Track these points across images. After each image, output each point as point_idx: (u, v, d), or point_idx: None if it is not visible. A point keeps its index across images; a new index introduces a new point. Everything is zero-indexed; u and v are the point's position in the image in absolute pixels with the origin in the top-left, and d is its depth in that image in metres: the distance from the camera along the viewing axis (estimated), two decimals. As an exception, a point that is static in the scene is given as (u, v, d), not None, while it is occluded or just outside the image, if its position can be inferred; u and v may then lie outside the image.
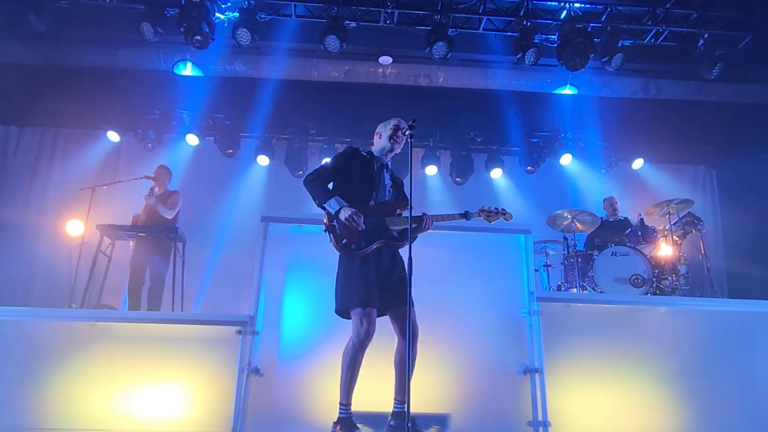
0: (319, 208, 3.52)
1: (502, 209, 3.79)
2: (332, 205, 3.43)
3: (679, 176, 9.42)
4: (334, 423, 3.36)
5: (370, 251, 3.43)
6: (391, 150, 3.73)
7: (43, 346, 4.11)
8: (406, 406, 3.04)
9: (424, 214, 3.56)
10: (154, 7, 6.38)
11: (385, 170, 3.73)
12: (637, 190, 9.06)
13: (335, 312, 3.48)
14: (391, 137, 3.69)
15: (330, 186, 3.60)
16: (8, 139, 8.65)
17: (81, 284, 6.14)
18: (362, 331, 3.31)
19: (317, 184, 3.54)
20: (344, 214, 3.38)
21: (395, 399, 3.48)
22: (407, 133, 3.49)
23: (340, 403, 3.37)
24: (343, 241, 3.41)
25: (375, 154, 3.76)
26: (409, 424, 3.08)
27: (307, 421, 3.95)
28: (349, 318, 3.42)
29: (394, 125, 3.72)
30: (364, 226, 3.41)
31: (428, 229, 3.54)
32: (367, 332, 3.31)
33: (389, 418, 3.45)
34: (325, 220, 3.49)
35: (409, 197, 3.43)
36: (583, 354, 4.25)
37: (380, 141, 3.76)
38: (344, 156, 3.68)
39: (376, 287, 3.40)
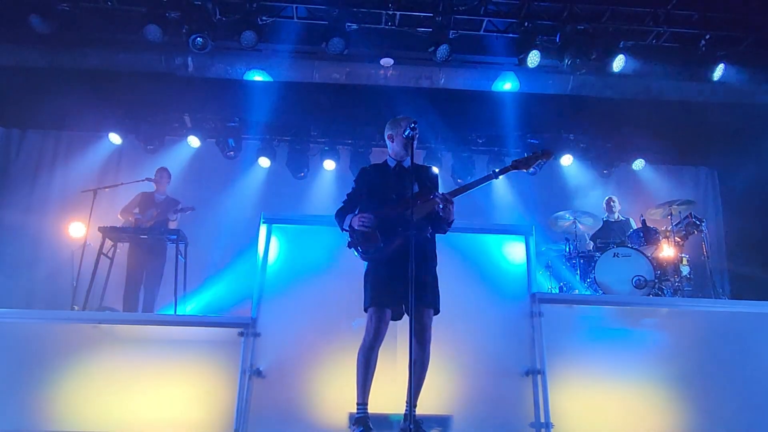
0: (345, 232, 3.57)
1: (539, 151, 3.56)
2: (345, 222, 3.53)
3: (680, 177, 9.40)
4: (352, 423, 3.39)
5: (392, 249, 3.39)
6: (406, 155, 3.63)
7: (45, 348, 4.12)
8: (411, 408, 3.04)
9: (434, 195, 3.43)
10: (156, 9, 6.40)
11: (404, 174, 3.61)
12: (638, 191, 9.03)
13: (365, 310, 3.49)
14: (406, 144, 3.54)
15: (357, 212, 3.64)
16: (10, 142, 8.67)
17: (83, 286, 6.15)
18: (371, 330, 3.34)
19: (339, 215, 3.64)
20: (355, 223, 3.44)
21: (406, 401, 3.47)
22: (411, 134, 3.43)
23: (357, 402, 3.38)
24: (360, 249, 3.43)
25: (389, 161, 3.73)
26: (412, 426, 3.08)
27: (309, 423, 3.95)
28: None
29: (407, 134, 3.48)
30: (374, 220, 3.42)
31: (446, 205, 3.39)
32: (376, 331, 3.32)
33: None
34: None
35: (412, 197, 3.33)
36: (585, 355, 4.24)
37: (393, 146, 3.69)
38: (356, 181, 3.75)
39: (395, 287, 3.34)
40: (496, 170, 3.49)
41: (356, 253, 3.48)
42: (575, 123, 8.76)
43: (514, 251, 4.49)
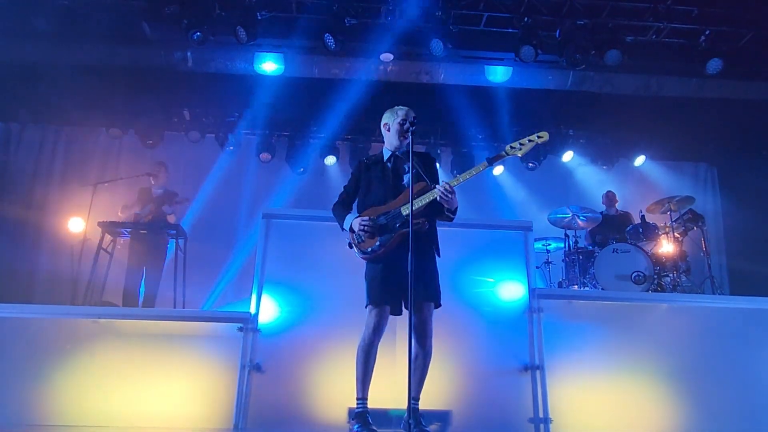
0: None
1: (532, 136, 3.44)
2: (346, 223, 3.52)
3: (680, 173, 9.40)
4: (351, 418, 3.39)
5: (390, 248, 3.39)
6: (401, 146, 3.61)
7: (45, 342, 4.12)
8: (411, 403, 3.05)
9: (434, 186, 3.39)
10: (154, 3, 6.38)
11: (399, 163, 3.60)
12: (638, 186, 9.04)
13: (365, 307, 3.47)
14: (401, 134, 3.55)
15: (354, 205, 3.65)
16: (10, 137, 8.65)
17: (83, 281, 6.15)
18: (370, 326, 3.33)
19: (337, 210, 3.64)
20: (355, 226, 3.44)
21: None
22: (410, 129, 3.38)
23: (356, 397, 3.37)
24: (365, 249, 3.42)
25: (385, 152, 3.69)
26: (411, 422, 3.09)
27: (309, 418, 3.96)
28: None
29: (402, 119, 3.55)
30: (373, 227, 3.41)
31: (446, 193, 3.36)
32: (375, 328, 3.32)
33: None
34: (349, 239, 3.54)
35: (410, 194, 3.26)
36: (584, 351, 4.25)
37: (389, 136, 3.65)
38: (353, 174, 3.73)
39: (392, 283, 3.34)
40: (489, 158, 3.51)
41: (357, 253, 3.49)
42: (575, 118, 8.75)
43: (514, 247, 4.50)
